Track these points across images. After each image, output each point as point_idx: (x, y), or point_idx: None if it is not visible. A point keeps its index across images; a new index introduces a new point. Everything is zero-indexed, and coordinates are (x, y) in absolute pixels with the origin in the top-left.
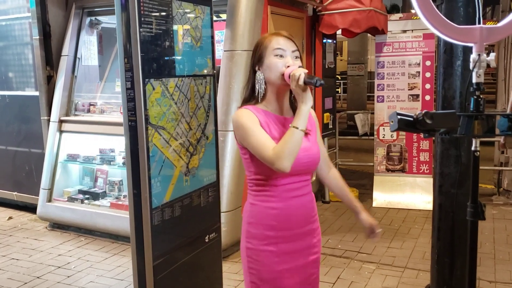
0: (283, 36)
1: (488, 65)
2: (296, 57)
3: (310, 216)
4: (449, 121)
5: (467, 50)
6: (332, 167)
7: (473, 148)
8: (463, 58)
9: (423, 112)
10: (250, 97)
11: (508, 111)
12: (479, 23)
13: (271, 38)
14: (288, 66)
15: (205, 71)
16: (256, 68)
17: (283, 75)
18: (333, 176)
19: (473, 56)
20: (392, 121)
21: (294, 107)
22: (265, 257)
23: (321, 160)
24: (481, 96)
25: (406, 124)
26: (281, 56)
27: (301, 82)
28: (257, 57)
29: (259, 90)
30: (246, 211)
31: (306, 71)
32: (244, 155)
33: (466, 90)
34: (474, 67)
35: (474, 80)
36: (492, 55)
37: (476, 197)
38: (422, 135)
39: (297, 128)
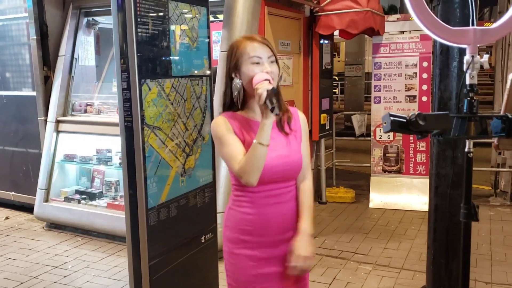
0: (257, 42)
1: (481, 67)
2: (272, 62)
3: (291, 223)
4: (442, 123)
5: (464, 52)
6: (307, 178)
7: (466, 150)
8: (459, 59)
9: (416, 113)
10: (230, 104)
11: (501, 112)
12: (472, 24)
13: (246, 45)
14: (267, 73)
15: (202, 71)
16: (233, 75)
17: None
18: (302, 189)
19: (467, 58)
20: (385, 122)
21: None
22: (240, 260)
23: None
24: (474, 98)
25: (399, 126)
26: (257, 63)
27: (261, 102)
28: (233, 64)
29: (238, 97)
30: (224, 214)
31: (271, 87)
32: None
33: (459, 91)
34: (467, 68)
35: (467, 82)
36: (486, 57)
37: (470, 198)
38: (416, 136)
39: (260, 143)
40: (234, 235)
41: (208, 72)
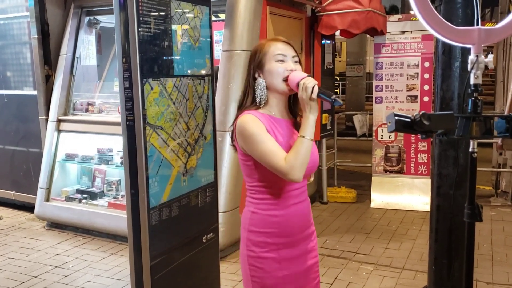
0: (282, 42)
1: (486, 67)
2: (296, 62)
3: (307, 221)
4: (447, 123)
5: (466, 52)
6: None
7: (470, 150)
8: (462, 59)
9: (421, 113)
10: (251, 103)
11: (506, 113)
12: (477, 24)
13: (270, 44)
14: (291, 70)
15: (203, 71)
16: (256, 75)
17: (285, 80)
18: None
19: (471, 58)
20: (389, 122)
21: (292, 111)
22: (267, 264)
23: None
24: (479, 98)
25: (403, 125)
26: (282, 61)
27: (314, 95)
28: (256, 63)
29: (261, 96)
30: (246, 218)
31: (316, 82)
32: (247, 162)
33: (464, 91)
34: (472, 68)
35: (472, 82)
36: (490, 57)
37: (473, 198)
38: (419, 136)
39: (305, 137)
40: (260, 239)
41: (210, 71)
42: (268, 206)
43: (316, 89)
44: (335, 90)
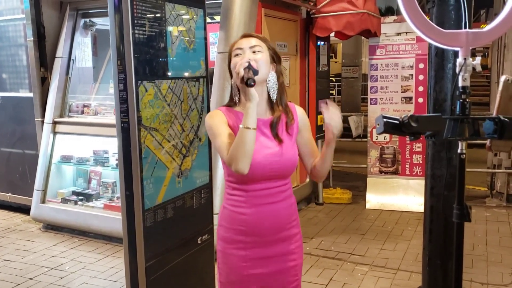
0: (244, 36)
1: (474, 69)
2: (256, 52)
3: (285, 223)
4: (434, 124)
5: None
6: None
7: (459, 151)
8: (454, 61)
9: (409, 115)
10: (230, 101)
11: (494, 114)
12: (465, 27)
13: (234, 42)
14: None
15: (198, 73)
16: (230, 74)
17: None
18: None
19: (459, 60)
20: (378, 124)
21: (273, 107)
22: (233, 260)
23: (313, 154)
24: (467, 100)
25: (392, 127)
26: (239, 55)
27: (239, 79)
28: (227, 64)
29: (234, 94)
30: (219, 213)
31: (247, 63)
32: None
33: (452, 93)
34: (460, 71)
35: (460, 84)
36: (478, 59)
37: (462, 199)
38: (408, 138)
39: (247, 127)
40: (227, 235)
41: (205, 73)
42: (236, 202)
43: (241, 72)
44: (331, 92)
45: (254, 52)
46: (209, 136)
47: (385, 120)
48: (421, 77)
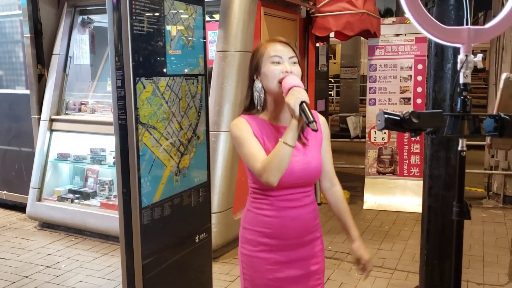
0: (279, 42)
1: (475, 66)
2: (294, 63)
3: (310, 226)
4: (436, 121)
5: (458, 53)
6: (336, 184)
7: (459, 148)
8: (454, 61)
9: (410, 111)
10: (250, 106)
11: (494, 112)
12: (467, 24)
13: (267, 45)
14: (286, 72)
15: (197, 70)
16: (254, 77)
17: (280, 82)
18: (334, 194)
19: (461, 57)
20: (379, 120)
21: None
22: (258, 263)
23: (324, 173)
24: (468, 97)
25: (393, 123)
26: (278, 63)
27: (296, 112)
28: (254, 66)
29: (258, 100)
30: (243, 216)
31: (305, 96)
32: (243, 163)
33: (453, 90)
34: (461, 67)
35: (461, 81)
36: (479, 56)
37: (462, 197)
38: (410, 135)
39: (286, 143)
40: (252, 237)
41: (203, 71)
42: (261, 205)
43: (297, 108)
44: (329, 92)
45: (293, 63)
46: (235, 145)
47: (386, 116)
48: (419, 78)
